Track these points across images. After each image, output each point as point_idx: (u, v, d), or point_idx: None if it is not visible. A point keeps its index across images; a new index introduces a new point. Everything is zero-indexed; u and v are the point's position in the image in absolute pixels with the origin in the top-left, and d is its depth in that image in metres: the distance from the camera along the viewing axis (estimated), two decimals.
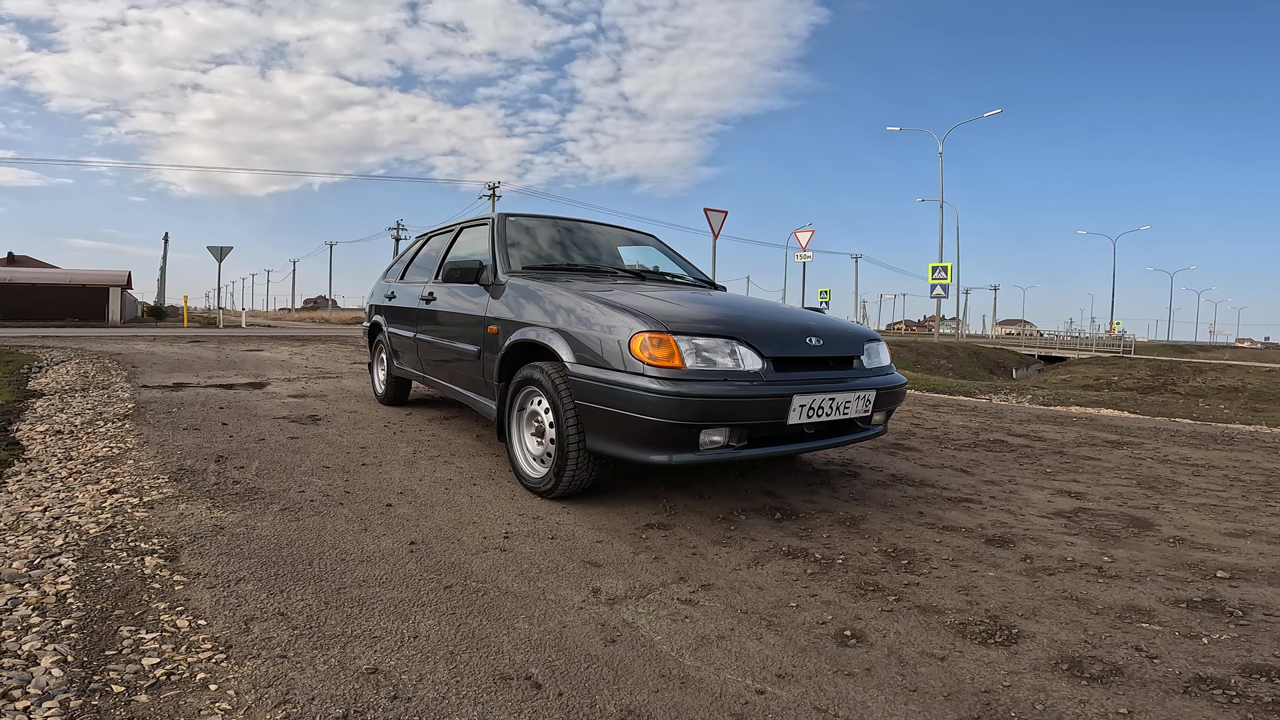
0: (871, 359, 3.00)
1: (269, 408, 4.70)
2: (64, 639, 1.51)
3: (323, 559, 2.07)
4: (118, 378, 6.11)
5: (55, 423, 3.97)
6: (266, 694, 1.36)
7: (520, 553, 2.22)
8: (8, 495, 2.56)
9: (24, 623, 1.58)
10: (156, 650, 1.49)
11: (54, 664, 1.41)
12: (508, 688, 1.44)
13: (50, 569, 1.88)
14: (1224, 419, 6.22)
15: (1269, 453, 4.49)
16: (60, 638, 1.52)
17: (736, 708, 1.42)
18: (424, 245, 4.88)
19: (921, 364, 17.70)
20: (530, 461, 2.95)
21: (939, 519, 2.75)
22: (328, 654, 1.52)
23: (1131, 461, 4.05)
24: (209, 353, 9.11)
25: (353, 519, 2.45)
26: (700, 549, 2.33)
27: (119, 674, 1.40)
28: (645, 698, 1.43)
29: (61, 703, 1.28)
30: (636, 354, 2.40)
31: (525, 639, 1.65)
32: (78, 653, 1.46)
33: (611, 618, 1.79)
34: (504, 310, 3.18)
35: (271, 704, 1.33)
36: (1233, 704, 1.47)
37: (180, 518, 2.36)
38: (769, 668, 1.58)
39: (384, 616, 1.72)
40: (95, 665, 1.42)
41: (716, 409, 2.34)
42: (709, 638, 1.71)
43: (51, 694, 1.31)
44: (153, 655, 1.47)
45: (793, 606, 1.91)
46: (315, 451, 3.45)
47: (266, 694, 1.36)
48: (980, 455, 4.09)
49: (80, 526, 2.23)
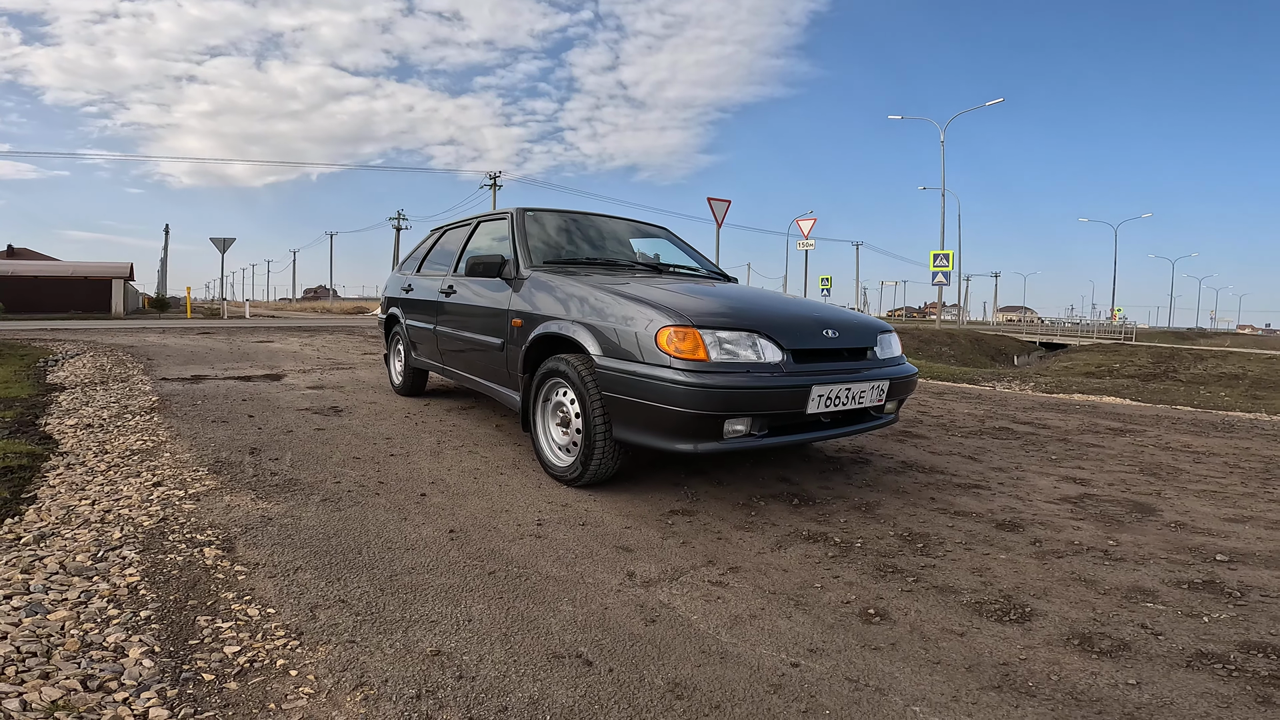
0: (884, 350, 3.10)
1: (290, 399, 4.80)
2: (146, 630, 1.62)
3: (370, 548, 2.18)
4: (135, 371, 6.21)
5: (83, 416, 4.07)
6: (343, 677, 1.47)
7: (555, 539, 2.33)
8: (50, 489, 2.66)
9: (102, 615, 1.68)
10: (235, 639, 1.60)
11: (143, 655, 1.51)
12: (561, 665, 1.55)
13: (115, 561, 1.99)
14: (1224, 406, 6.33)
15: (1268, 440, 4.60)
16: (142, 629, 1.62)
17: (774, 679, 1.53)
18: (440, 239, 4.97)
19: (924, 351, 17.80)
20: (556, 451, 3.05)
21: (950, 504, 2.86)
22: (392, 638, 1.63)
23: (1134, 448, 4.16)
24: (220, 345, 9.21)
25: (391, 509, 2.56)
26: (724, 534, 2.44)
27: (206, 662, 1.50)
28: (689, 671, 1.55)
29: (159, 692, 1.38)
30: (663, 347, 2.50)
31: (571, 620, 1.76)
32: (163, 643, 1.57)
33: (649, 599, 1.90)
34: (527, 304, 3.27)
35: (349, 686, 1.44)
36: (1232, 677, 1.58)
37: (228, 509, 2.47)
38: (800, 643, 1.69)
39: (437, 602, 1.83)
40: (182, 655, 1.52)
41: (740, 400, 2.44)
42: (742, 617, 1.82)
43: (147, 684, 1.40)
44: (233, 644, 1.58)
45: (817, 587, 2.02)
46: (343, 443, 3.56)
47: (343, 677, 1.47)
48: (987, 442, 4.21)
49: (133, 519, 2.34)
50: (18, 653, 1.47)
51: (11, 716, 1.25)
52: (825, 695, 1.47)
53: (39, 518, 2.32)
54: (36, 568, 1.90)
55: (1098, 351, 22.22)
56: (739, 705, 1.43)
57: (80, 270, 25.56)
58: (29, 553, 2.00)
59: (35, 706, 1.29)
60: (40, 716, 1.26)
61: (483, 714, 1.36)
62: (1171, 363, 17.77)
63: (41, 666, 1.43)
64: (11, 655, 1.45)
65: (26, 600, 1.71)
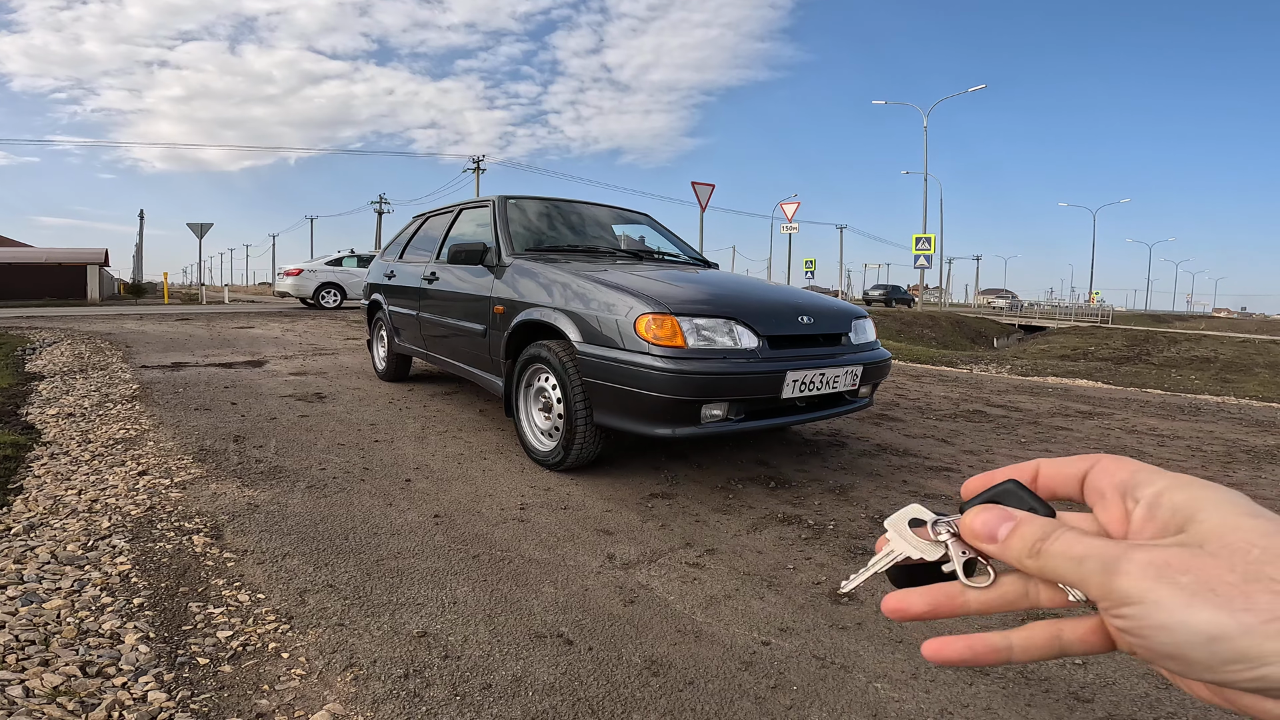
0: (859, 335, 3.17)
1: (273, 386, 4.81)
2: (140, 616, 1.67)
3: (356, 533, 2.23)
4: (114, 358, 6.18)
5: (64, 405, 4.07)
6: (333, 659, 1.53)
7: (537, 523, 2.39)
8: (36, 479, 2.68)
9: (97, 603, 1.73)
10: (227, 623, 1.66)
11: (138, 641, 1.56)
12: (543, 645, 1.62)
13: (106, 550, 2.03)
14: (1194, 390, 6.50)
15: (1232, 423, 4.75)
16: (136, 615, 1.67)
17: (746, 657, 1.61)
18: (422, 225, 4.98)
19: (905, 333, 17.99)
20: (538, 436, 3.11)
21: (921, 487, 2.96)
22: (380, 621, 1.69)
23: (1101, 431, 4.29)
24: (200, 330, 9.15)
25: (376, 494, 2.61)
26: (702, 516, 2.52)
27: (200, 647, 1.55)
28: (665, 650, 1.62)
29: (156, 676, 1.43)
30: (642, 334, 2.56)
31: (553, 601, 1.83)
32: (157, 629, 1.62)
33: (627, 581, 1.98)
34: (509, 291, 3.31)
35: (340, 667, 1.50)
36: None
37: (214, 497, 2.51)
38: (772, 623, 1.77)
39: (423, 585, 1.89)
40: (176, 640, 1.58)
41: (717, 385, 2.51)
42: (717, 597, 1.90)
43: (144, 669, 1.46)
44: (225, 629, 1.63)
45: (790, 569, 2.10)
46: (327, 429, 3.59)
47: (333, 659, 1.53)
48: (960, 425, 4.31)
49: (121, 508, 2.37)
50: (17, 641, 1.51)
51: (15, 703, 1.30)
52: (793, 672, 1.56)
53: (27, 508, 2.34)
54: (29, 558, 1.93)
55: (1074, 334, 22.57)
56: (711, 681, 1.51)
57: (54, 256, 25.08)
58: (20, 543, 2.03)
59: (38, 693, 1.34)
60: (43, 702, 1.31)
61: (468, 691, 1.43)
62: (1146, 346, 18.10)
63: (41, 654, 1.48)
64: (11, 644, 1.50)
65: (22, 590, 1.75)
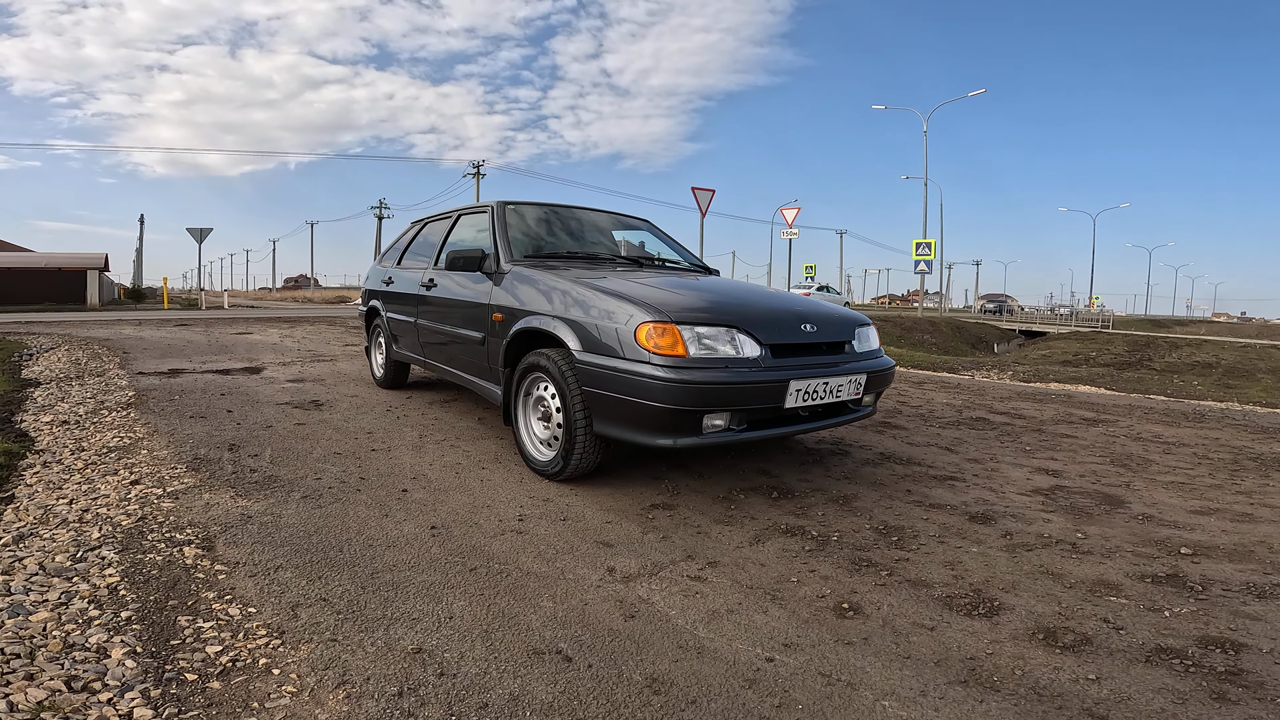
0: (862, 343, 3.14)
1: (270, 393, 4.77)
2: (128, 630, 1.63)
3: (351, 545, 2.19)
4: (111, 364, 6.13)
5: (59, 412, 4.03)
6: (325, 675, 1.49)
7: (536, 535, 2.35)
8: (28, 488, 2.64)
9: (84, 616, 1.69)
10: (217, 638, 1.61)
11: (125, 655, 1.52)
12: (541, 661, 1.58)
13: (94, 562, 1.99)
14: (1197, 395, 6.46)
15: (1238, 430, 4.72)
16: (124, 629, 1.63)
17: (749, 674, 1.57)
18: (420, 231, 4.94)
19: (906, 339, 17.96)
20: (537, 445, 3.07)
21: (925, 496, 2.92)
22: (374, 636, 1.65)
23: (1106, 439, 4.25)
24: (198, 336, 9.11)
25: (372, 505, 2.57)
26: (704, 528, 2.48)
27: (188, 662, 1.51)
28: (666, 667, 1.58)
29: (142, 693, 1.39)
30: (642, 343, 2.52)
31: (551, 616, 1.79)
32: (145, 644, 1.58)
33: (628, 595, 1.93)
34: (508, 298, 3.27)
35: (332, 684, 1.46)
36: (1189, 673, 1.64)
37: (207, 508, 2.47)
38: (776, 638, 1.73)
39: (419, 599, 1.85)
40: (164, 655, 1.53)
41: (718, 395, 2.48)
42: (719, 611, 1.86)
43: (130, 685, 1.42)
44: (215, 643, 1.59)
45: (794, 581, 2.06)
46: (324, 438, 3.55)
47: (325, 675, 1.49)
48: (963, 433, 4.28)
49: (112, 519, 2.33)
50: (2, 654, 1.47)
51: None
52: (798, 690, 1.52)
53: (17, 518, 2.30)
54: (16, 569, 1.90)
55: (1075, 339, 22.54)
56: (714, 700, 1.47)
57: (54, 261, 25.04)
58: (8, 554, 1.99)
59: (22, 707, 1.30)
60: (27, 717, 1.27)
61: (464, 711, 1.39)
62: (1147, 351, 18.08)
63: (26, 668, 1.44)
64: None
65: (8, 602, 1.71)
